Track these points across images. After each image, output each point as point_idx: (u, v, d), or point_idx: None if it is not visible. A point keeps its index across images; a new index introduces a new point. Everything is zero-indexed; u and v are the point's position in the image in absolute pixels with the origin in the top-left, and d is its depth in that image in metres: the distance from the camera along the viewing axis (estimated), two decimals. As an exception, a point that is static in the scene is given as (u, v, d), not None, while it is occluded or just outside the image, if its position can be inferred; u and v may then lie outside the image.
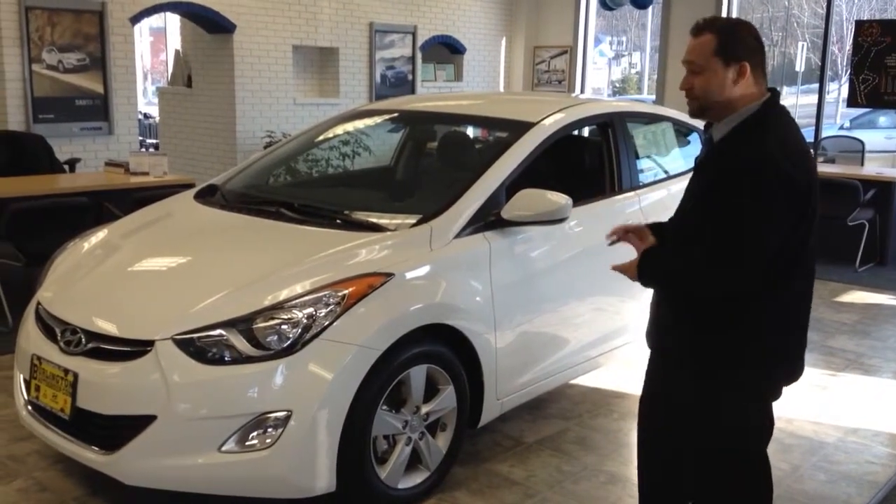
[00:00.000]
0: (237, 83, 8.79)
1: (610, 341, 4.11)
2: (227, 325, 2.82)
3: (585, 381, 4.35)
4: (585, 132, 5.06)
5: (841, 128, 16.40)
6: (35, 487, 3.25)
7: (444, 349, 3.18)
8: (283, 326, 2.81)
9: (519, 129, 3.76)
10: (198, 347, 2.80)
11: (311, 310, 2.84)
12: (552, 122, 3.86)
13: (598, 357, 4.09)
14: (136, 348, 2.84)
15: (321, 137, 4.55)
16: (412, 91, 10.44)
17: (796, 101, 23.94)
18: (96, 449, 2.89)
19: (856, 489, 3.44)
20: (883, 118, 17.19)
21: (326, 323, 2.83)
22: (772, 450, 3.70)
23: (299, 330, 2.81)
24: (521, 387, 3.61)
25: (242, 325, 2.82)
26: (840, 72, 24.28)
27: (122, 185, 6.03)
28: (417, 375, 3.09)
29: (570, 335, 3.86)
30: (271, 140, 8.69)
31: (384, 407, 3.00)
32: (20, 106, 7.23)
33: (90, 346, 2.93)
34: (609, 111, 4.30)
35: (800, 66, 25.00)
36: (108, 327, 2.94)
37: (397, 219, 3.38)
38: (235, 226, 3.56)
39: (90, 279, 3.30)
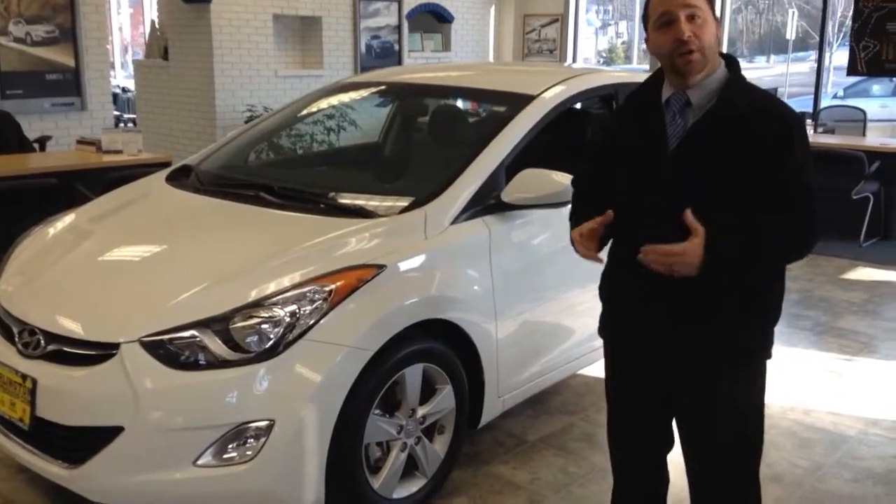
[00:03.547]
0: (216, 55, 8.40)
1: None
2: (201, 325, 2.53)
3: (588, 371, 4.08)
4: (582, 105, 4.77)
5: (835, 97, 16.10)
6: (-5, 501, 2.98)
7: (442, 346, 2.91)
8: (264, 326, 2.53)
9: (518, 102, 3.47)
10: (168, 350, 2.51)
11: (294, 307, 2.56)
12: (553, 95, 3.57)
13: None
14: (100, 351, 2.56)
15: (303, 113, 4.24)
16: (399, 62, 10.07)
17: (787, 69, 23.67)
18: (59, 462, 2.61)
19: (883, 488, 3.21)
20: (877, 86, 16.93)
21: (312, 322, 2.55)
22: (791, 445, 3.51)
23: (281, 330, 2.53)
24: (524, 382, 3.36)
25: (218, 325, 2.53)
26: (832, 39, 23.99)
27: (95, 164, 5.70)
28: (413, 376, 2.82)
29: (574, 324, 3.60)
30: (252, 115, 8.34)
31: (377, 412, 2.73)
32: (-15, 80, 6.86)
33: (50, 348, 2.64)
34: (612, 82, 4.01)
35: (790, 33, 24.71)
36: (69, 327, 2.64)
37: (388, 202, 3.09)
38: (210, 212, 3.26)
39: (51, 272, 2.99)
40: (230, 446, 2.49)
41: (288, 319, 2.54)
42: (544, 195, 3.07)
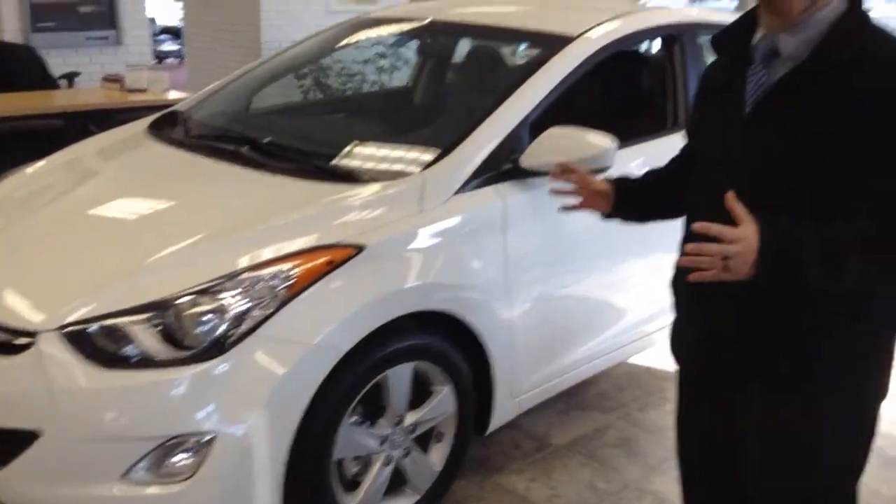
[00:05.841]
0: (262, -13, 7.88)
1: (668, 313, 3.26)
2: (134, 313, 2.08)
3: (633, 359, 3.53)
4: (641, 50, 4.11)
5: None
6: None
7: (439, 341, 2.41)
8: (207, 318, 2.07)
9: (552, 44, 2.87)
10: (93, 344, 2.07)
11: (245, 296, 2.08)
12: (600, 35, 2.95)
13: (654, 333, 3.26)
14: (17, 340, 2.14)
15: (317, 53, 3.73)
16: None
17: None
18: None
19: None
20: None
21: (268, 313, 2.08)
22: (873, 466, 2.89)
23: (228, 323, 2.06)
24: (547, 379, 2.83)
25: (154, 314, 2.08)
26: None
27: (117, 104, 5.27)
28: (400, 377, 2.34)
29: (619, 306, 3.05)
30: (300, 52, 7.83)
31: (353, 420, 2.26)
32: (14, 12, 6.48)
33: (-30, 331, 2.24)
34: (677, 21, 3.35)
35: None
36: (-13, 307, 2.23)
37: (382, 165, 2.58)
38: (174, 172, 2.76)
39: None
40: (165, 462, 2.07)
41: (237, 310, 2.07)
42: (574, 160, 2.48)
